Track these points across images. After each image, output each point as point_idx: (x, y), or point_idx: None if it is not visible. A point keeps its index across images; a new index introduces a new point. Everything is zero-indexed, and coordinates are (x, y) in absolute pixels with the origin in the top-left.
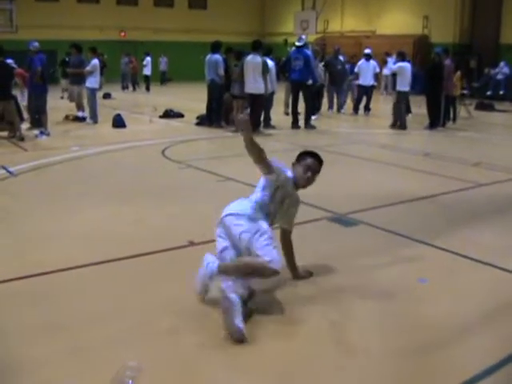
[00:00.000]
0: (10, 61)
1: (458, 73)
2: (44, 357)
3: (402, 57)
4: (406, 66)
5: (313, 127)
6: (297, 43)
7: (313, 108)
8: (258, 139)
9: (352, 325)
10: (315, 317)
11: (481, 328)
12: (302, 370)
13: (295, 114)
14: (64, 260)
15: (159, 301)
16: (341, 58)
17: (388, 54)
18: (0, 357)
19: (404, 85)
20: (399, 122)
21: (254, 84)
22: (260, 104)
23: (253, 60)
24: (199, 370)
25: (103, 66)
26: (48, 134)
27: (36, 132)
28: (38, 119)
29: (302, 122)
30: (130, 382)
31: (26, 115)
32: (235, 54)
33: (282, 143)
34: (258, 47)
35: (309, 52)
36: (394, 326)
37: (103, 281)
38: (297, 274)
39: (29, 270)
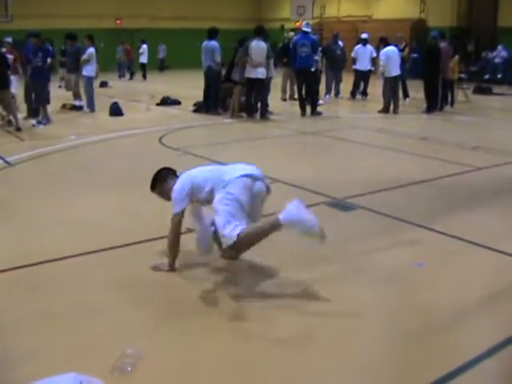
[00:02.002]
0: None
1: (456, 57)
2: (43, 346)
3: (384, 42)
4: (391, 50)
5: (319, 113)
6: (304, 29)
7: (317, 94)
8: (259, 126)
9: (350, 309)
10: (312, 302)
11: (481, 311)
12: (298, 356)
13: (303, 101)
14: (62, 249)
15: (158, 288)
16: (340, 43)
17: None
18: None
19: (393, 70)
20: (384, 105)
21: (256, 69)
22: (262, 89)
23: (257, 45)
24: (198, 358)
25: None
26: (48, 122)
27: (33, 121)
28: (35, 109)
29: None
30: (130, 369)
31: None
32: (238, 41)
33: (282, 130)
34: (261, 32)
35: (315, 38)
36: (393, 310)
37: (101, 269)
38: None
39: (26, 260)
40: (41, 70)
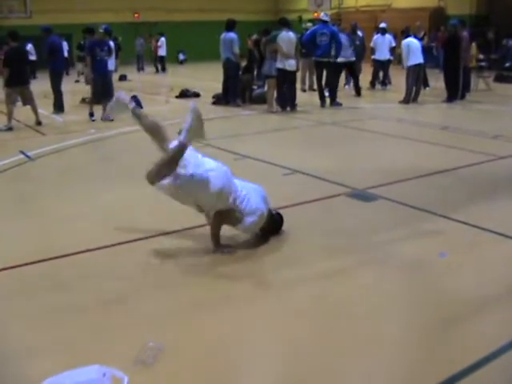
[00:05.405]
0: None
1: (473, 44)
2: (67, 338)
3: (406, 34)
4: (411, 42)
5: (339, 104)
6: (323, 18)
7: (337, 85)
8: (278, 117)
9: (372, 299)
10: (335, 291)
11: (504, 301)
12: (320, 343)
13: (322, 91)
14: (85, 242)
15: (179, 280)
16: (359, 33)
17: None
18: (23, 339)
19: (412, 59)
20: (405, 96)
21: (287, 60)
22: (293, 81)
23: (286, 36)
24: (220, 350)
25: (118, 49)
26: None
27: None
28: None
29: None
30: (152, 361)
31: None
32: (264, 31)
33: (302, 120)
34: (286, 23)
35: (335, 28)
36: (416, 299)
37: (125, 262)
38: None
39: (49, 253)
40: (106, 63)
